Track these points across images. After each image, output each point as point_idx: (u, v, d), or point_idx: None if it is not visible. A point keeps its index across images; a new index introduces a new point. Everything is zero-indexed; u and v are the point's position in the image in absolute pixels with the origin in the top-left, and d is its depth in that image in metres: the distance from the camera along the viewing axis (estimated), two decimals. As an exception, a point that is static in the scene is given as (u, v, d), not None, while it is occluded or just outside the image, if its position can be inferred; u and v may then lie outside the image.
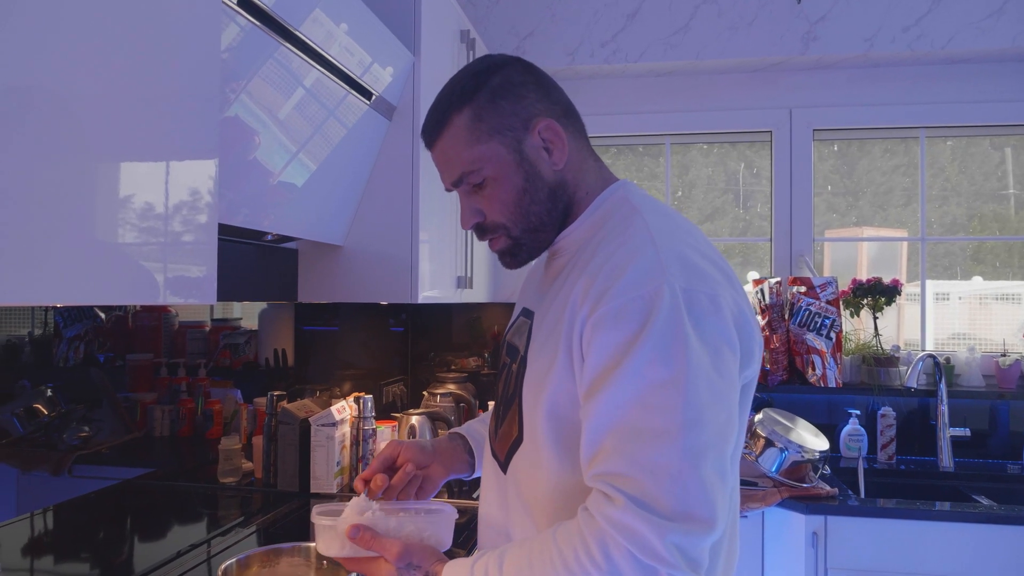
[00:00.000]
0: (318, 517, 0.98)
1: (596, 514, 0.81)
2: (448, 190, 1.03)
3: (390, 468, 1.09)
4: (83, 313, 1.41)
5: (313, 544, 1.23)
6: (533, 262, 1.09)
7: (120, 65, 0.83)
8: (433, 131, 1.00)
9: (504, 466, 1.01)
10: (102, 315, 1.47)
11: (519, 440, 0.98)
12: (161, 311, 1.67)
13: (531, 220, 0.99)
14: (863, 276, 2.77)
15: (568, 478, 0.91)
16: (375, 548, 0.94)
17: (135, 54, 0.85)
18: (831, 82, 2.81)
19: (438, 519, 0.99)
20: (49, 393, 1.32)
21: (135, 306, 1.56)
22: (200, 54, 0.97)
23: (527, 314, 1.04)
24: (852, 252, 2.94)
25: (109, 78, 0.81)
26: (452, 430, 1.22)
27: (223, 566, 1.14)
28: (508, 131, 0.96)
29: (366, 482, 1.04)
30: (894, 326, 2.84)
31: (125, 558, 1.48)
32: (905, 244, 2.87)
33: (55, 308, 1.33)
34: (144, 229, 0.88)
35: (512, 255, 1.03)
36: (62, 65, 0.75)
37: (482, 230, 1.02)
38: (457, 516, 1.00)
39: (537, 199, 0.98)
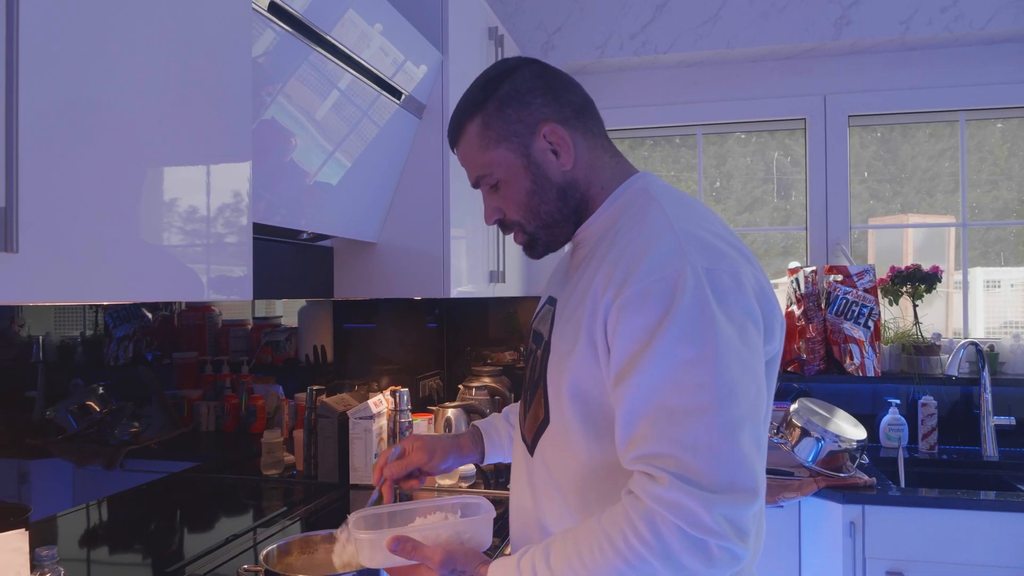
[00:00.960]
0: (357, 532, 0.99)
1: (641, 494, 0.82)
2: (473, 187, 1.09)
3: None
4: (131, 314, 1.44)
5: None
6: (561, 253, 1.13)
7: (159, 77, 0.87)
8: (452, 136, 1.07)
9: (531, 448, 1.03)
10: (149, 315, 1.50)
11: (546, 422, 1.00)
12: (205, 310, 1.70)
13: (542, 218, 1.03)
14: (909, 264, 2.71)
15: (597, 457, 0.93)
16: (417, 557, 0.96)
17: (173, 66, 0.89)
18: (866, 67, 2.76)
19: (476, 521, 1.00)
20: (101, 391, 1.35)
21: (181, 306, 1.61)
22: (233, 65, 1.01)
23: (551, 302, 1.08)
24: (897, 240, 2.87)
25: (151, 90, 0.85)
26: (472, 423, 1.28)
27: (264, 552, 1.17)
28: (515, 137, 1.01)
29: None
30: (942, 315, 2.77)
31: (176, 545, 1.54)
32: (953, 231, 2.80)
33: (105, 310, 1.38)
34: (186, 231, 0.92)
35: (531, 248, 1.08)
36: (111, 79, 0.79)
37: (503, 225, 1.08)
38: (495, 514, 1.01)
39: (546, 199, 1.02)
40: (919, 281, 2.58)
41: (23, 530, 0.99)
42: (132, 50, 0.83)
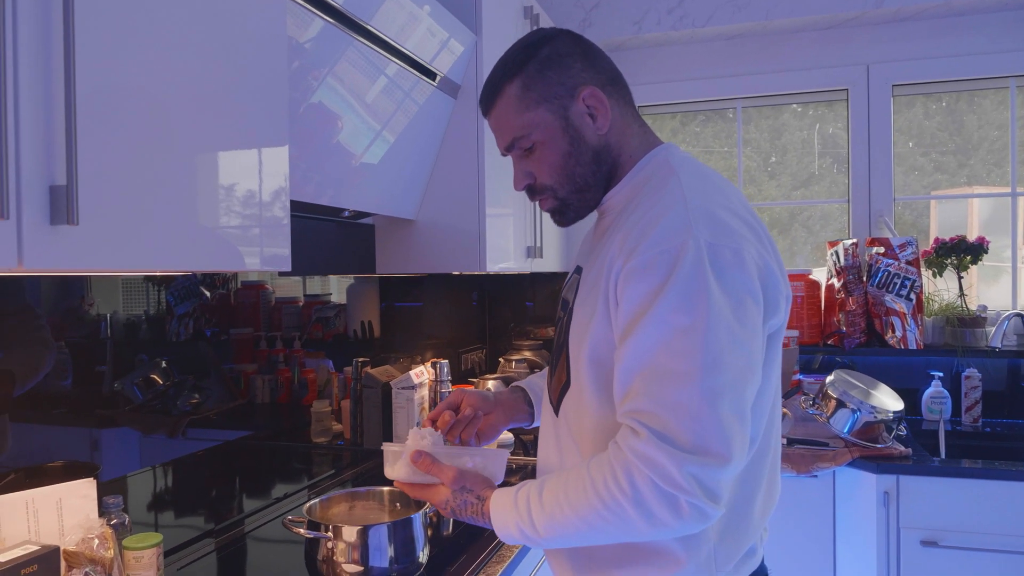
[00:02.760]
0: (387, 444, 1.10)
1: (623, 446, 0.89)
2: (503, 154, 1.11)
3: (454, 411, 1.21)
4: (191, 292, 1.51)
5: (386, 489, 1.36)
6: (590, 223, 1.16)
7: (196, 66, 0.94)
8: (488, 100, 1.08)
9: (556, 409, 1.09)
10: (208, 294, 1.57)
11: (567, 384, 1.05)
12: (259, 289, 1.76)
13: (576, 182, 1.06)
14: (973, 236, 2.61)
15: (609, 416, 0.98)
16: (433, 472, 1.04)
17: (209, 56, 0.97)
18: (911, 35, 2.69)
19: (492, 454, 1.08)
20: (164, 365, 1.43)
21: (237, 284, 1.68)
22: (268, 53, 1.08)
23: (578, 270, 1.12)
24: (962, 214, 2.78)
25: (190, 78, 0.93)
26: (514, 383, 1.32)
27: (307, 505, 1.27)
28: (555, 99, 1.03)
29: (433, 421, 1.18)
30: (1008, 292, 2.68)
31: (236, 502, 1.65)
32: (1021, 202, 2.70)
33: (167, 289, 1.45)
34: (229, 209, 1.00)
35: (561, 214, 1.11)
36: (151, 70, 0.87)
37: (532, 191, 1.10)
38: (509, 455, 1.09)
39: (582, 162, 1.05)
40: (964, 252, 2.52)
41: (91, 479, 1.10)
42: (169, 41, 0.90)
